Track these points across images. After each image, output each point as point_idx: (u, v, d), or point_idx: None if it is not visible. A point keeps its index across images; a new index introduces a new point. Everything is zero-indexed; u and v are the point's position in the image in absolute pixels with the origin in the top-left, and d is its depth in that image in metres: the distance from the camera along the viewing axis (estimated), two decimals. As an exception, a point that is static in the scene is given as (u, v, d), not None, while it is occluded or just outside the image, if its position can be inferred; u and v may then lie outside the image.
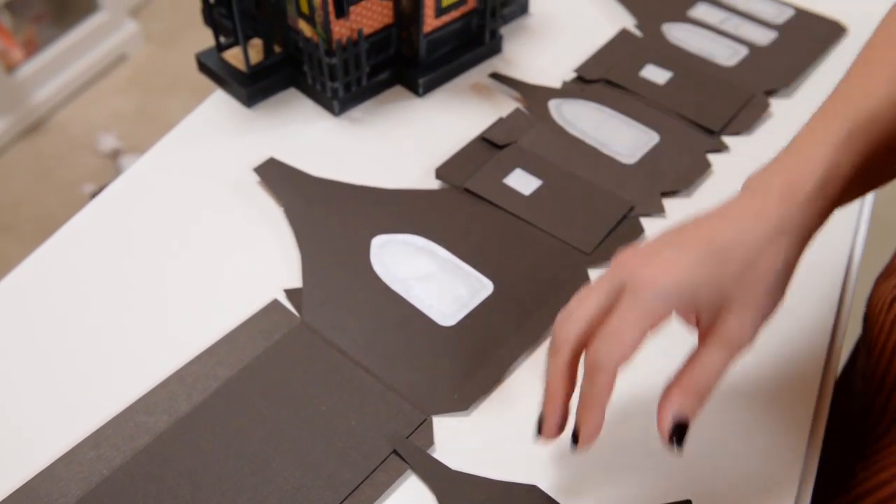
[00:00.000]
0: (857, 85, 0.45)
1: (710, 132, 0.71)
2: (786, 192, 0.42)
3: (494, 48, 0.80)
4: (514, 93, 0.76)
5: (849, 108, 0.44)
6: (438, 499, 0.47)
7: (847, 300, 0.59)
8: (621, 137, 0.70)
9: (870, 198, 0.66)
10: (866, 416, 0.55)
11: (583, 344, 0.42)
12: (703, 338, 0.42)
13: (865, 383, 0.56)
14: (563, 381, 0.42)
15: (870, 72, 0.45)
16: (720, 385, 0.41)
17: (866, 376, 0.56)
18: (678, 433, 0.41)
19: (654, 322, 0.40)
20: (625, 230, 0.62)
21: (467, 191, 0.65)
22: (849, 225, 0.64)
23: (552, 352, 0.43)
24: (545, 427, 0.43)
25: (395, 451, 0.49)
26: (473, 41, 0.78)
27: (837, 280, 0.60)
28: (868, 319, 0.56)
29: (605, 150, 0.69)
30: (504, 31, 0.83)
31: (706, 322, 0.42)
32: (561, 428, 0.43)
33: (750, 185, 0.44)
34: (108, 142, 1.82)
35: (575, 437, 0.42)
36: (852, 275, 0.61)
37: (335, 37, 0.68)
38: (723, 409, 0.52)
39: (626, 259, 0.42)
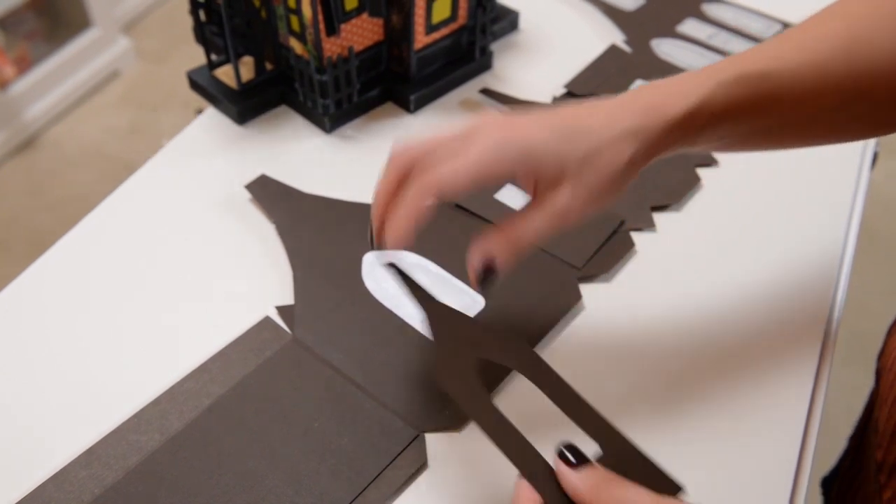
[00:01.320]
0: (763, 47, 0.47)
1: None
2: (650, 109, 0.44)
3: (485, 64, 0.80)
4: (505, 109, 0.76)
5: (746, 60, 0.46)
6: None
7: (836, 314, 0.59)
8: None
9: (858, 208, 0.67)
10: (878, 471, 0.55)
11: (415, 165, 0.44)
12: (534, 204, 0.45)
13: (877, 437, 0.56)
14: (389, 191, 0.45)
15: (779, 40, 0.47)
16: (534, 250, 0.46)
17: (878, 430, 0.56)
18: (487, 276, 0.45)
19: (490, 167, 0.43)
20: (615, 244, 0.63)
21: (458, 206, 0.65)
22: (837, 238, 0.64)
23: (387, 162, 0.45)
24: (374, 236, 0.47)
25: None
26: (464, 58, 0.79)
27: (826, 295, 0.60)
28: (879, 373, 0.56)
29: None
30: (494, 47, 0.84)
31: (542, 190, 0.45)
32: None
33: (626, 93, 0.46)
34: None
35: (379, 242, 0.46)
36: (840, 288, 0.61)
37: (326, 54, 0.69)
38: (712, 422, 0.52)
39: (487, 116, 0.45)
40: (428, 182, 0.43)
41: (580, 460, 0.38)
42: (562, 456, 0.38)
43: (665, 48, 0.83)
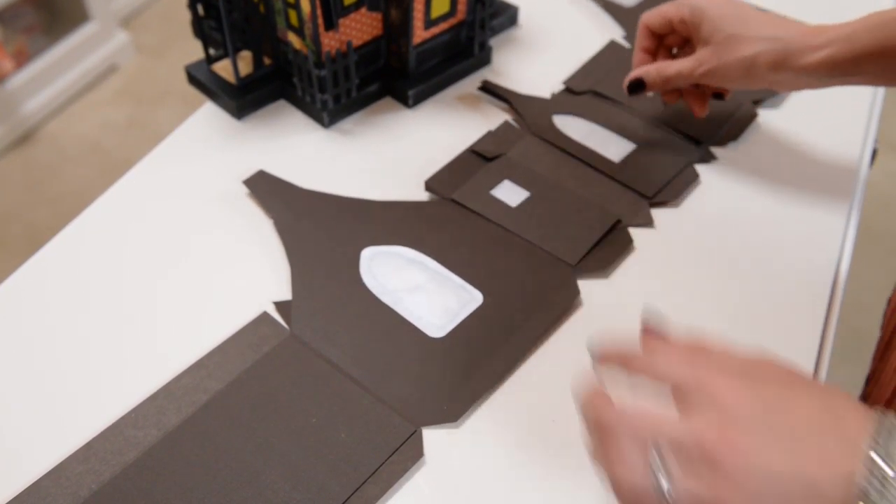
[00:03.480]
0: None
1: (697, 142, 0.71)
2: (798, 29, 0.61)
3: (484, 60, 0.80)
4: (503, 104, 0.76)
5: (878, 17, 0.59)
6: None
7: (834, 312, 0.59)
8: (609, 149, 0.70)
9: (857, 206, 0.67)
10: None
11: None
12: (686, 55, 0.69)
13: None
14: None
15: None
16: (678, 82, 0.64)
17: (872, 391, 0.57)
18: (636, 86, 0.67)
19: (674, 15, 0.65)
20: (614, 241, 0.63)
21: (456, 202, 0.65)
22: (836, 236, 0.64)
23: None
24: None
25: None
26: (463, 53, 0.79)
27: (825, 292, 0.60)
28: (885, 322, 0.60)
29: (593, 162, 0.69)
30: (493, 42, 0.83)
31: (694, 43, 0.66)
32: (640, 68, 0.69)
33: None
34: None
35: None
36: (839, 286, 0.61)
37: (324, 49, 0.69)
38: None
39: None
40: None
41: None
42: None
43: (664, 44, 0.83)
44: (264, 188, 0.66)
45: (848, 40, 0.57)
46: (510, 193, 0.66)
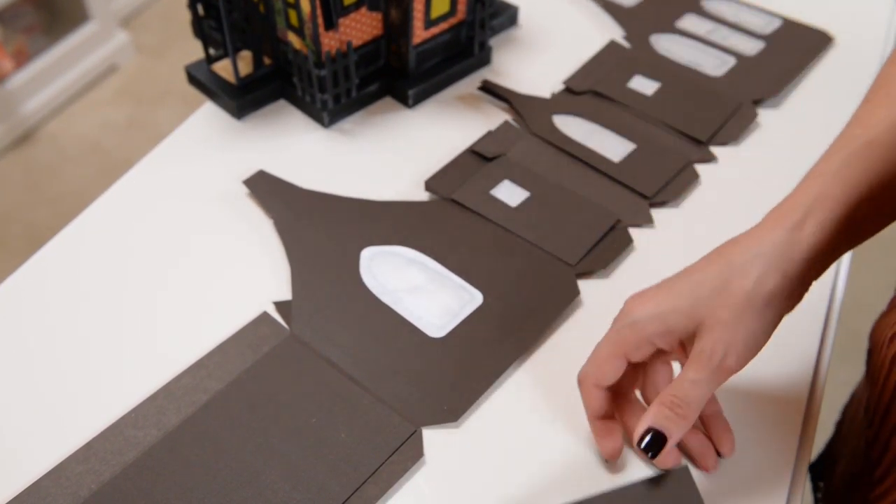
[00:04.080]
0: (860, 115, 0.47)
1: (697, 142, 0.71)
2: (774, 221, 0.44)
3: (484, 59, 0.80)
4: (503, 104, 0.76)
5: (849, 138, 0.45)
6: None
7: (834, 311, 0.59)
8: (609, 149, 0.70)
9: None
10: (869, 448, 0.56)
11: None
12: (686, 363, 0.45)
13: (867, 416, 0.56)
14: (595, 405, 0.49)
15: (874, 100, 0.47)
16: (702, 403, 0.43)
17: (868, 409, 0.56)
18: (652, 442, 0.44)
19: (623, 345, 0.46)
20: (614, 241, 0.63)
21: (455, 202, 0.65)
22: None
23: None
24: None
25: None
26: (463, 53, 0.79)
27: (824, 292, 0.60)
28: (870, 354, 0.57)
29: (593, 162, 0.69)
30: (493, 42, 0.83)
31: (689, 348, 0.45)
32: (611, 444, 0.49)
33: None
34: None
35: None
36: (839, 285, 0.61)
37: (324, 49, 0.69)
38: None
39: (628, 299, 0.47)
40: (580, 381, 0.49)
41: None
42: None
43: (664, 44, 0.83)
44: (264, 188, 0.66)
45: (825, 197, 0.44)
46: (510, 193, 0.66)
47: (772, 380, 0.54)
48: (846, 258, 0.63)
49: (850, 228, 0.44)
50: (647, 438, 0.44)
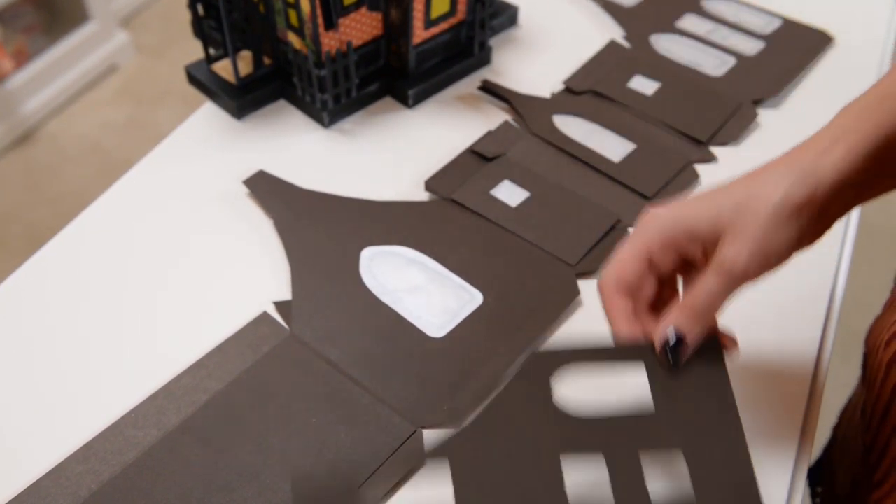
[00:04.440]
0: (888, 74, 0.46)
1: (697, 142, 0.71)
2: (801, 150, 0.44)
3: (484, 59, 0.80)
4: (503, 104, 0.76)
5: (879, 85, 0.45)
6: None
7: (834, 311, 0.59)
8: (609, 149, 0.70)
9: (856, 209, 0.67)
10: (867, 452, 0.55)
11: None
12: (705, 269, 0.44)
13: (864, 419, 0.56)
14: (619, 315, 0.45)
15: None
16: (720, 311, 0.44)
17: (865, 413, 0.56)
18: (674, 350, 0.44)
19: (646, 243, 0.44)
20: (614, 241, 0.63)
21: (455, 202, 0.65)
22: (835, 233, 0.64)
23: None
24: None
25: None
26: (463, 53, 0.79)
27: (825, 291, 0.60)
28: (867, 356, 0.57)
29: (593, 162, 0.69)
30: (493, 42, 0.83)
31: (710, 255, 0.44)
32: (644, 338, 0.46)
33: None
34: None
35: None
36: (839, 284, 0.61)
37: (324, 49, 0.69)
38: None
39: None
40: (601, 284, 0.46)
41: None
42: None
43: (664, 44, 0.83)
44: (264, 188, 0.66)
45: (859, 120, 0.44)
46: (510, 193, 0.66)
47: (772, 379, 0.54)
48: (846, 258, 0.63)
49: (877, 167, 0.44)
50: (669, 340, 0.44)
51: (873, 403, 0.54)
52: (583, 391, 0.44)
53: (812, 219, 0.43)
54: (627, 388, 0.44)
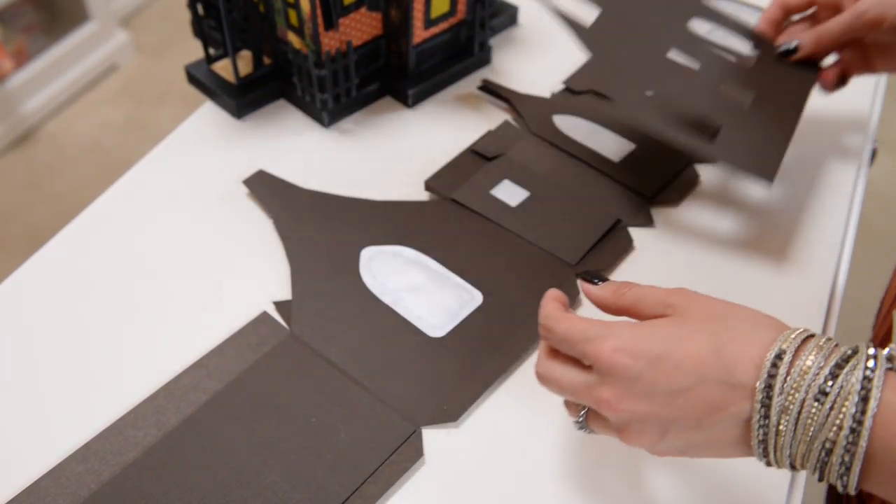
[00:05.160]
0: None
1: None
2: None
3: (483, 59, 0.80)
4: (503, 104, 0.76)
5: None
6: None
7: (835, 310, 0.59)
8: (609, 149, 0.70)
9: (857, 205, 0.67)
10: None
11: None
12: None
13: None
14: None
15: None
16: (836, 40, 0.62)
17: None
18: (788, 52, 0.65)
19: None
20: (614, 241, 0.63)
21: (455, 202, 0.65)
22: (836, 235, 0.64)
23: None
24: None
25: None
26: (462, 52, 0.79)
27: (825, 291, 0.60)
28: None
29: (593, 162, 0.69)
30: (493, 42, 0.83)
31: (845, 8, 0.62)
32: None
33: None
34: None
35: None
36: (839, 285, 0.61)
37: (324, 48, 0.69)
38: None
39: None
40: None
41: (599, 279, 0.45)
42: (584, 278, 0.45)
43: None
44: (264, 188, 0.66)
45: None
46: (510, 193, 0.66)
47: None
48: (846, 257, 0.63)
49: None
50: (790, 45, 0.65)
51: None
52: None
53: None
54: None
